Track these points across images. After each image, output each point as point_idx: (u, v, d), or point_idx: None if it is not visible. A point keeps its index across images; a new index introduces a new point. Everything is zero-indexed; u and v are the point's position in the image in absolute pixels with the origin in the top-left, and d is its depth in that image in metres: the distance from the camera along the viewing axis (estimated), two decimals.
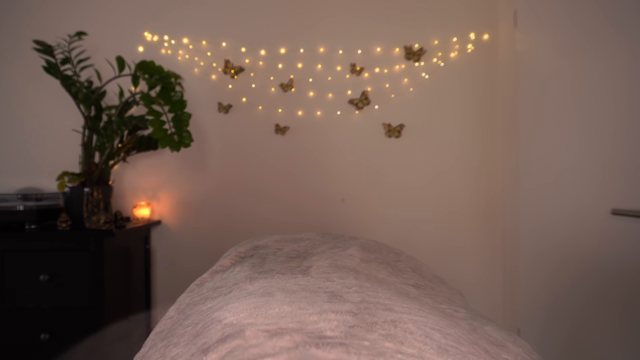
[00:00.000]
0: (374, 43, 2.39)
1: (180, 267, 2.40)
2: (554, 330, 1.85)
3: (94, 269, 1.90)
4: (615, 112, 1.49)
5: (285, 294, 0.71)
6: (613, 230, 1.50)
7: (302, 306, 0.64)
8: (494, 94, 2.39)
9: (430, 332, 0.59)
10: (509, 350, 0.67)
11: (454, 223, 2.39)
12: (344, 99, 2.39)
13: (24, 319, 1.90)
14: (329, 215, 2.41)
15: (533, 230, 2.00)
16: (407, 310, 0.67)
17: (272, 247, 1.29)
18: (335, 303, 0.65)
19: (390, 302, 0.70)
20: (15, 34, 2.38)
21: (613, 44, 1.49)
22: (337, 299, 0.63)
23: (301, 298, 0.68)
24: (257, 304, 0.66)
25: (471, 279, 2.39)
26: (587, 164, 1.62)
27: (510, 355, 0.63)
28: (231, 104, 2.39)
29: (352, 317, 0.60)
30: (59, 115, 2.38)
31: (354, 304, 0.65)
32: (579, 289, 1.69)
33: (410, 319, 0.62)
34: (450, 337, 0.60)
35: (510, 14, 2.22)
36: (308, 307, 0.63)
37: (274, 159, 2.41)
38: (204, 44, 2.40)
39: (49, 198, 2.16)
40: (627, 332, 1.46)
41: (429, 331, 0.59)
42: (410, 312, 0.66)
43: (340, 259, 1.06)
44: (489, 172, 2.40)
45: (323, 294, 0.72)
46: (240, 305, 0.66)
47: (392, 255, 1.26)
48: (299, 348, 0.49)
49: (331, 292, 0.73)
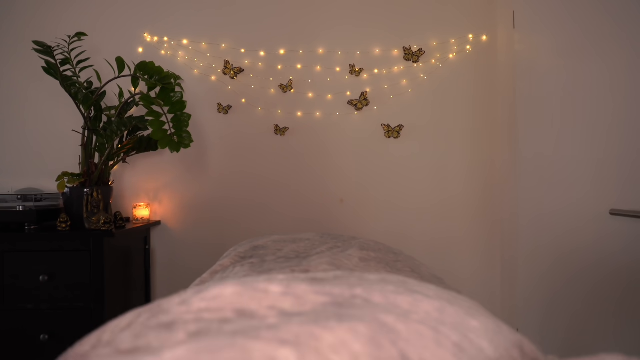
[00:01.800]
0: (373, 44, 2.40)
1: (180, 268, 2.40)
2: (553, 327, 1.85)
3: (93, 269, 1.90)
4: (615, 112, 1.50)
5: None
6: (610, 230, 1.51)
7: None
8: (492, 95, 2.40)
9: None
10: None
11: (453, 222, 2.40)
12: (343, 100, 2.40)
13: (24, 320, 1.90)
14: (328, 215, 2.41)
15: (531, 226, 2.01)
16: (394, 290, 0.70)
17: (272, 247, 1.29)
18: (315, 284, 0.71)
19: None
20: (15, 35, 2.39)
21: (614, 43, 1.50)
22: (319, 281, 0.65)
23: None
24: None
25: (470, 276, 2.39)
26: (585, 164, 1.63)
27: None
28: (231, 105, 2.40)
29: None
30: (59, 115, 2.38)
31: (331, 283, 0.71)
32: (576, 285, 1.70)
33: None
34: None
35: (508, 15, 2.23)
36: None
37: (274, 160, 2.41)
38: (204, 45, 2.40)
39: (49, 198, 2.16)
40: (623, 328, 1.46)
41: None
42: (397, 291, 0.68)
43: (339, 259, 1.06)
44: (488, 172, 2.40)
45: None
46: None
47: (391, 255, 1.27)
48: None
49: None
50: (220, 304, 0.51)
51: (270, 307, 0.50)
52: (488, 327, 0.53)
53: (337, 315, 0.46)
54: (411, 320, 0.49)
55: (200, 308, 0.50)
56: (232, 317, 0.48)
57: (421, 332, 0.47)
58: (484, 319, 0.55)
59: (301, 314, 0.48)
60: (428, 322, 0.50)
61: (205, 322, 0.47)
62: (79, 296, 1.90)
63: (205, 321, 0.47)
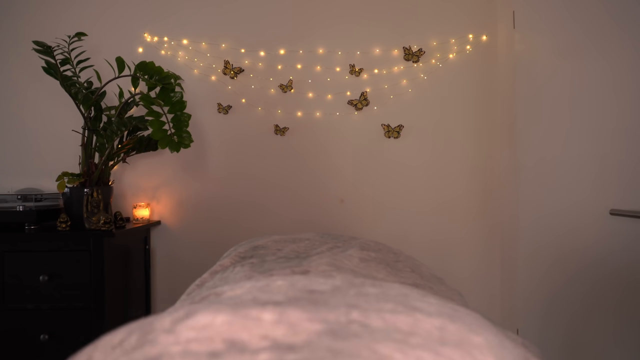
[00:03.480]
0: (373, 44, 2.40)
1: (180, 268, 2.40)
2: (552, 327, 1.86)
3: (93, 269, 1.90)
4: (615, 111, 1.50)
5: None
6: (610, 230, 1.51)
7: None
8: (492, 95, 2.40)
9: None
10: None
11: (453, 222, 2.40)
12: (343, 100, 2.40)
13: (24, 320, 1.90)
14: (328, 215, 2.41)
15: (531, 226, 2.01)
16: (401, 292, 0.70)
17: (272, 247, 1.29)
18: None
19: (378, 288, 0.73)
20: (15, 35, 2.39)
21: (615, 43, 1.49)
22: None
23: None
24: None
25: (470, 276, 2.39)
26: (586, 163, 1.63)
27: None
28: (231, 105, 2.40)
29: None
30: (59, 115, 2.38)
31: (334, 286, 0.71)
32: (576, 285, 1.70)
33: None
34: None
35: (508, 15, 2.23)
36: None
37: (274, 160, 2.41)
38: (204, 45, 2.40)
39: (49, 199, 2.16)
40: (622, 329, 1.46)
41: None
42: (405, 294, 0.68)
43: (339, 260, 1.06)
44: (488, 172, 2.40)
45: None
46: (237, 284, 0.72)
47: (391, 255, 1.27)
48: None
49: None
50: (210, 334, 0.49)
51: (262, 336, 0.49)
52: (492, 343, 0.53)
53: (332, 353, 0.45)
54: (410, 347, 0.48)
55: (188, 338, 0.49)
56: (221, 350, 0.46)
57: (421, 359, 0.46)
58: (487, 334, 0.55)
59: (294, 347, 0.47)
60: (429, 344, 0.49)
61: (193, 355, 0.46)
62: (79, 296, 1.90)
63: (193, 354, 0.46)
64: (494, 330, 0.60)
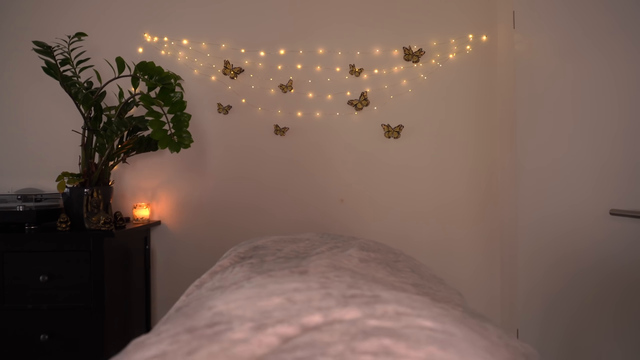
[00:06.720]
0: (373, 44, 2.39)
1: (179, 268, 2.40)
2: (552, 327, 1.85)
3: (93, 269, 1.90)
4: (615, 111, 1.50)
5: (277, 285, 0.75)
6: (610, 230, 1.50)
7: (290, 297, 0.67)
8: (492, 95, 2.40)
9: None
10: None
11: (453, 222, 2.40)
12: (343, 100, 2.40)
13: (24, 320, 1.90)
14: (328, 215, 2.41)
15: (532, 227, 2.01)
16: (395, 298, 0.68)
17: (271, 247, 1.29)
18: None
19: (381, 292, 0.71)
20: (15, 35, 2.39)
21: (615, 43, 1.49)
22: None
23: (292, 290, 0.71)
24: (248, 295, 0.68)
25: (470, 277, 2.39)
26: (586, 164, 1.63)
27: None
28: (231, 105, 2.40)
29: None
30: (59, 115, 2.38)
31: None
32: (576, 286, 1.69)
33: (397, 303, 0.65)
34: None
35: (508, 15, 2.22)
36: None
37: (274, 160, 2.41)
38: (204, 45, 2.40)
39: (49, 199, 2.16)
40: (623, 329, 1.46)
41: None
42: (399, 300, 0.67)
43: (339, 260, 1.06)
44: (488, 172, 2.40)
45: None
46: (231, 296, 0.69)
47: (391, 255, 1.27)
48: None
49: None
50: None
51: None
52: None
53: None
54: None
55: None
56: None
57: None
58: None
59: None
60: None
61: None
62: (79, 296, 1.90)
63: None
64: (492, 350, 0.57)
